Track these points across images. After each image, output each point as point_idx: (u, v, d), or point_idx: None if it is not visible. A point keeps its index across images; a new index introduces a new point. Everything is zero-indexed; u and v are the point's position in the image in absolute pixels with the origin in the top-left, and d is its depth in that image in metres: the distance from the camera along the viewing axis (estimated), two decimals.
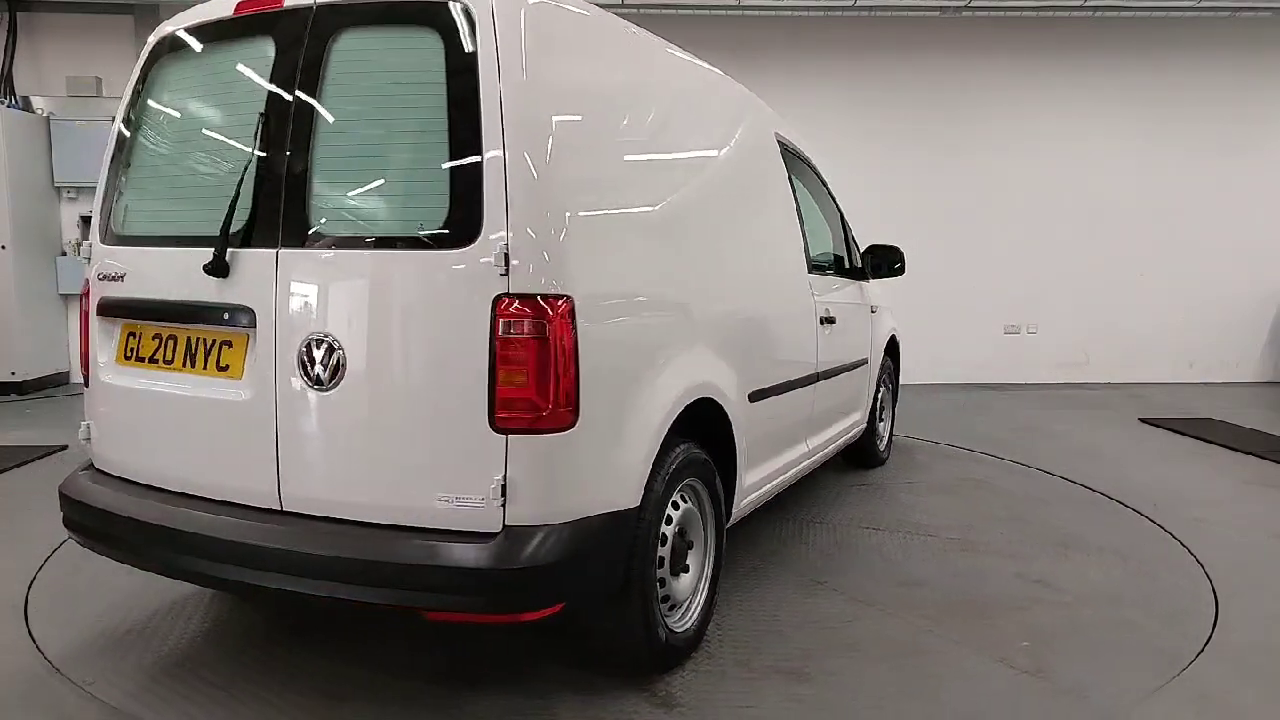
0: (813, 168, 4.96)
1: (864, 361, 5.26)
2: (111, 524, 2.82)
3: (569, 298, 2.43)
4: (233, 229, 2.65)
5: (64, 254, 9.08)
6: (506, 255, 2.35)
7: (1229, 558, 4.16)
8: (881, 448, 5.99)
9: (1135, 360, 9.64)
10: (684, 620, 3.06)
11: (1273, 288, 9.64)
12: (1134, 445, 6.66)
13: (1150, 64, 9.35)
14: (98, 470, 3.06)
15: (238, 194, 2.64)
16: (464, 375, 2.39)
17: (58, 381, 9.08)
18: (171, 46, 3.02)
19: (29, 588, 3.75)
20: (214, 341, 2.74)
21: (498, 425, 2.38)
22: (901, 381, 6.40)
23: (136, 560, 2.86)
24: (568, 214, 2.51)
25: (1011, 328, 9.65)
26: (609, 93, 2.89)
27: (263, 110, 2.66)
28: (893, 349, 6.01)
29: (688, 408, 2.94)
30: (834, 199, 5.23)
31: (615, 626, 2.81)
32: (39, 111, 8.88)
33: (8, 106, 8.57)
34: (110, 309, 2.99)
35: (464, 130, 2.42)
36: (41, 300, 8.84)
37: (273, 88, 2.68)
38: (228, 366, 2.70)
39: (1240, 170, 9.46)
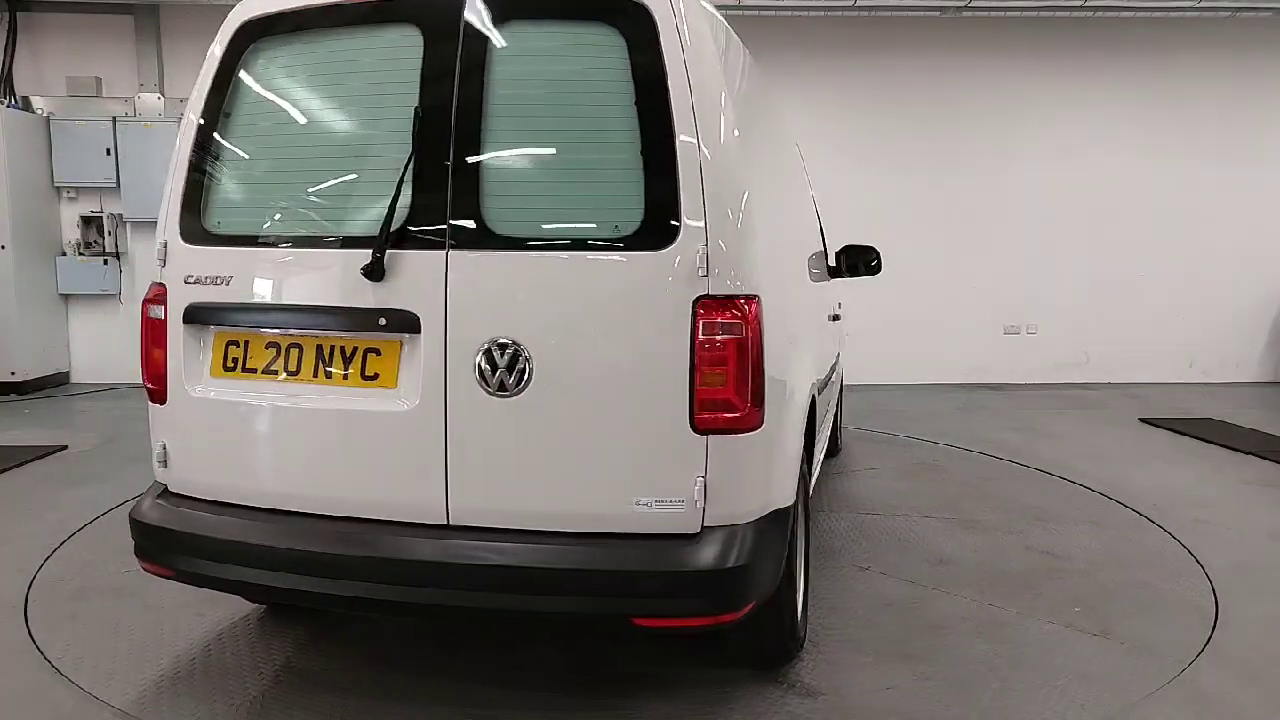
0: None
1: (838, 356, 5.41)
2: (234, 554, 2.55)
3: (758, 298, 2.43)
4: (369, 230, 2.47)
5: (64, 254, 9.08)
6: (708, 257, 2.34)
7: (1229, 558, 4.15)
8: (840, 437, 6.30)
9: (1135, 360, 9.63)
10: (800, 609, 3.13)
11: (1273, 288, 9.63)
12: (1134, 445, 6.66)
13: (1150, 64, 9.34)
14: (177, 495, 2.74)
15: (398, 193, 2.45)
16: (663, 377, 2.37)
17: (58, 381, 9.08)
18: (267, 30, 2.72)
19: (29, 588, 3.75)
20: (356, 349, 2.53)
21: (698, 426, 2.38)
22: (902, 381, 6.44)
23: (260, 591, 2.72)
24: (752, 215, 2.50)
25: (1011, 328, 9.65)
26: (747, 96, 2.92)
27: (417, 104, 2.49)
28: None
29: None
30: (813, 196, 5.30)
31: (764, 621, 2.76)
32: (39, 111, 8.88)
33: (8, 106, 8.57)
34: (203, 316, 2.68)
35: (656, 131, 2.38)
36: (41, 300, 8.84)
37: (427, 80, 2.50)
38: (377, 375, 2.51)
39: (1240, 170, 9.45)
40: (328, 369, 2.56)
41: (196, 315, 2.69)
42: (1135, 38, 9.25)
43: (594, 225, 2.45)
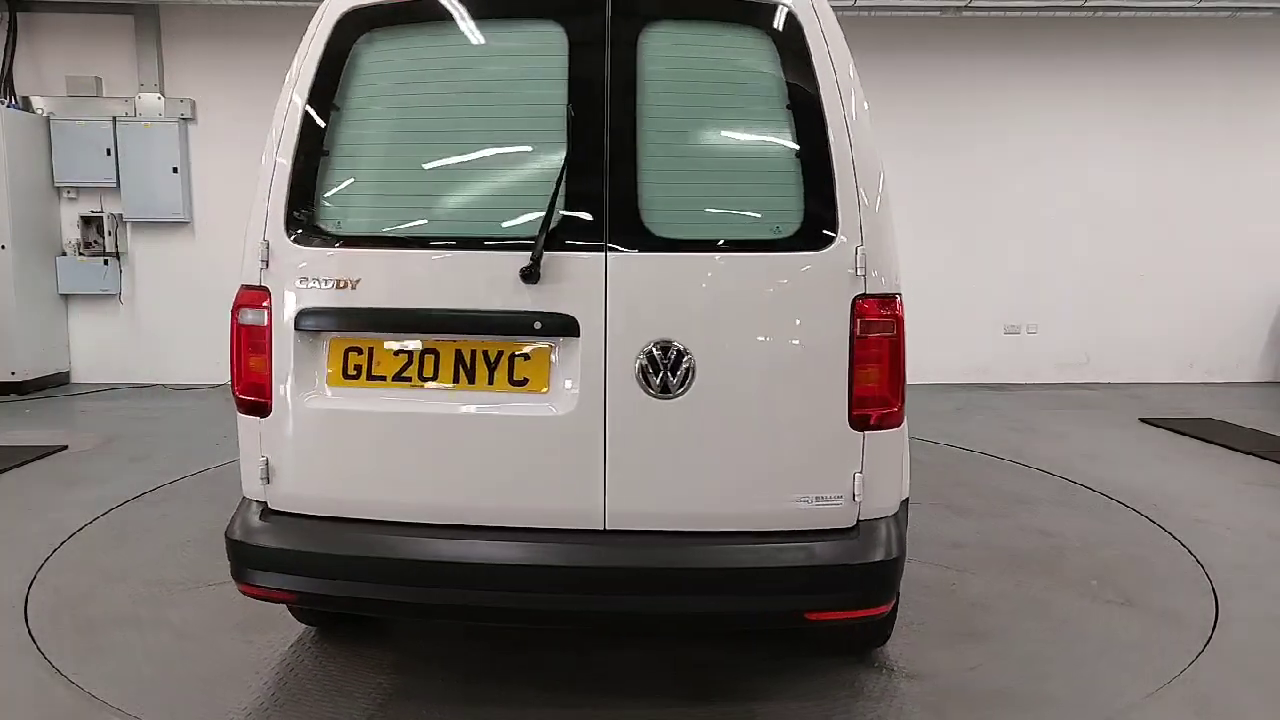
0: None
1: None
2: (375, 573, 2.46)
3: (901, 296, 2.49)
4: (522, 231, 2.43)
5: (64, 254, 9.07)
6: (865, 257, 2.40)
7: (1229, 558, 4.15)
8: None
9: (1135, 360, 9.63)
10: None
11: (1273, 288, 9.62)
12: (1134, 445, 6.65)
13: (1150, 64, 9.34)
14: (288, 514, 2.57)
15: (556, 194, 2.40)
16: (822, 375, 2.42)
17: (58, 381, 9.07)
18: (379, 20, 2.60)
19: (29, 588, 3.75)
20: (501, 353, 2.46)
21: (855, 423, 2.43)
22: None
23: (403, 608, 2.61)
24: (890, 214, 2.55)
25: (1011, 328, 9.64)
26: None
27: (568, 103, 2.44)
28: None
29: None
30: None
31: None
32: (39, 111, 8.88)
33: (8, 106, 8.56)
34: (320, 321, 2.51)
35: (809, 132, 2.44)
36: (41, 300, 8.84)
37: (576, 79, 2.45)
38: (526, 380, 2.46)
39: (1240, 170, 9.44)
40: (470, 375, 2.47)
41: (311, 321, 2.50)
42: (1135, 38, 9.25)
43: (753, 226, 2.49)
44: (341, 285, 2.48)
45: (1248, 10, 8.79)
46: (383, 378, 2.50)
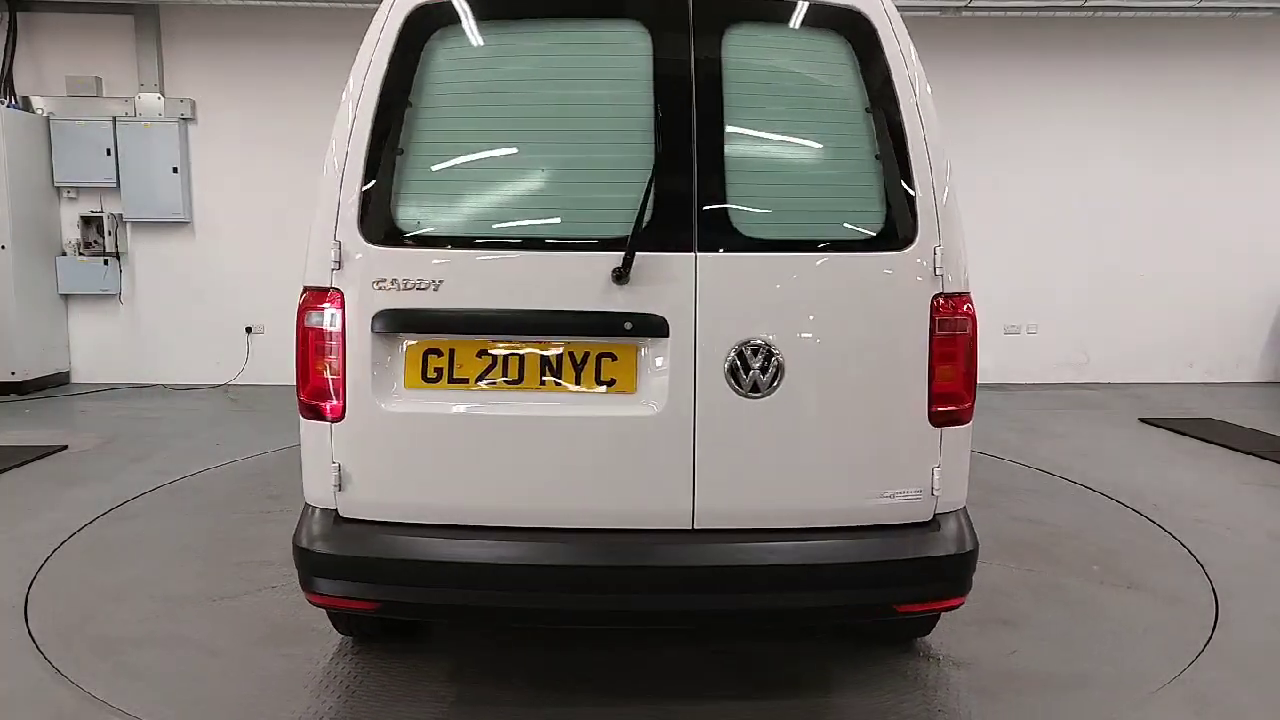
0: None
1: None
2: (460, 578, 2.43)
3: (970, 294, 2.57)
4: (612, 231, 2.42)
5: (64, 254, 9.07)
6: (943, 256, 2.48)
7: (1229, 558, 4.15)
8: None
9: (1135, 360, 9.63)
10: None
11: (1273, 288, 9.62)
12: (1134, 445, 6.65)
13: (1150, 64, 9.34)
14: (363, 522, 2.51)
15: (647, 195, 2.40)
16: (904, 373, 2.49)
17: (58, 381, 9.07)
18: (452, 16, 2.55)
19: (29, 588, 3.75)
20: (587, 354, 2.46)
21: (934, 418, 2.51)
22: None
23: (492, 614, 2.57)
24: (960, 213, 2.62)
25: (1011, 328, 9.64)
26: None
27: (656, 105, 2.44)
28: None
29: None
30: None
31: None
32: (39, 111, 8.88)
33: (8, 106, 8.56)
34: (398, 324, 2.46)
35: (890, 134, 2.49)
36: (41, 300, 8.84)
37: (663, 80, 2.45)
38: (613, 381, 2.46)
39: (1240, 170, 9.44)
40: (556, 376, 2.46)
41: (389, 323, 2.45)
42: (1135, 38, 9.25)
43: (837, 226, 2.53)
44: (423, 286, 2.44)
45: (1248, 10, 8.78)
46: (465, 380, 2.47)
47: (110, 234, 9.01)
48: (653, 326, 2.42)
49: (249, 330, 9.30)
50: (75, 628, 3.38)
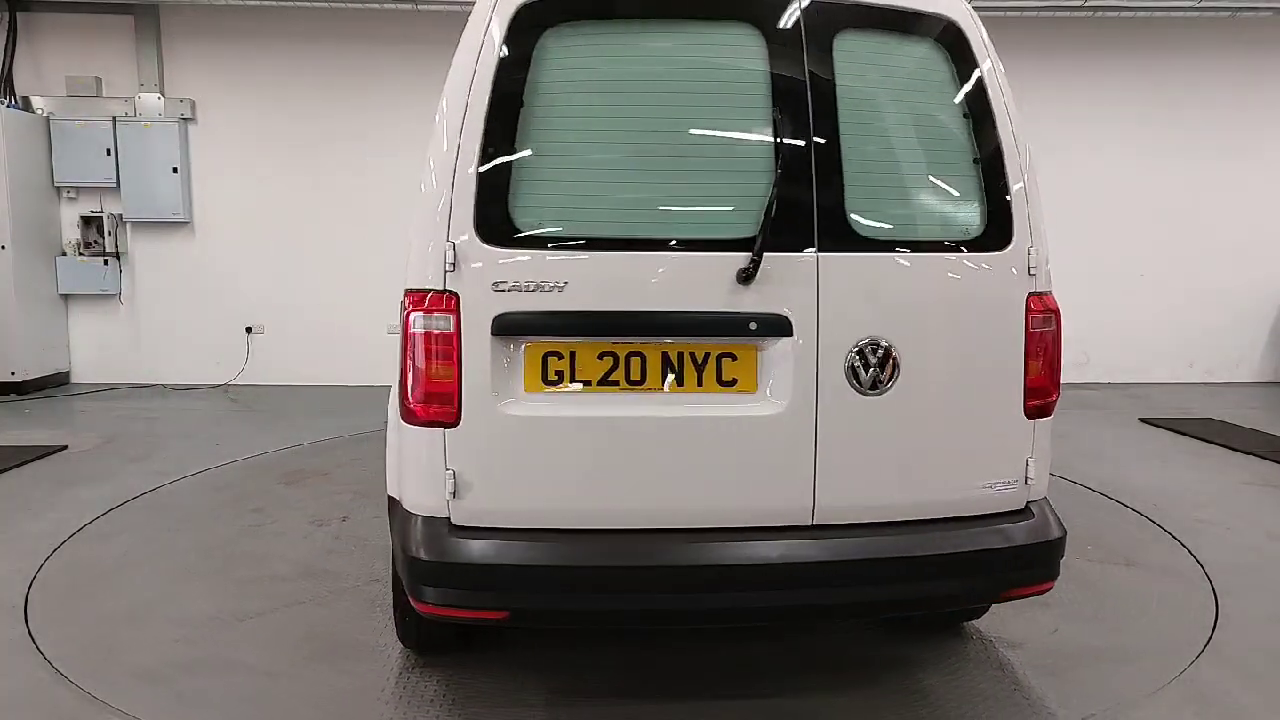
0: None
1: None
2: (591, 583, 2.41)
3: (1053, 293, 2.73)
4: (735, 232, 2.44)
5: (64, 254, 9.07)
6: (1035, 255, 2.63)
7: (1229, 558, 4.15)
8: None
9: (1135, 360, 9.62)
10: None
11: (1273, 288, 9.62)
12: (1134, 445, 6.65)
13: (1150, 64, 9.33)
14: (471, 529, 2.44)
15: (771, 197, 2.43)
16: (1003, 368, 2.62)
17: (58, 381, 9.07)
18: (563, 15, 2.50)
19: (29, 588, 3.75)
20: (708, 354, 2.47)
21: (1029, 411, 2.65)
22: None
23: (620, 617, 2.57)
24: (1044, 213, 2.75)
25: None
26: None
27: (774, 106, 2.47)
28: None
29: None
30: None
31: None
32: (39, 111, 8.87)
33: (8, 106, 8.56)
34: (519, 326, 2.42)
35: (987, 138, 2.61)
36: (41, 300, 8.84)
37: (778, 83, 2.48)
38: (735, 380, 2.48)
39: (1240, 170, 9.44)
40: (678, 377, 2.47)
41: (511, 326, 2.40)
42: (1135, 38, 9.25)
43: (945, 227, 2.63)
44: (547, 289, 2.40)
45: (1248, 10, 8.78)
46: (587, 382, 2.45)
47: (110, 234, 9.01)
48: (776, 326, 2.45)
49: (249, 330, 9.30)
50: (106, 657, 3.14)
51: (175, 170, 8.94)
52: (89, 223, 9.08)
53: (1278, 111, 9.46)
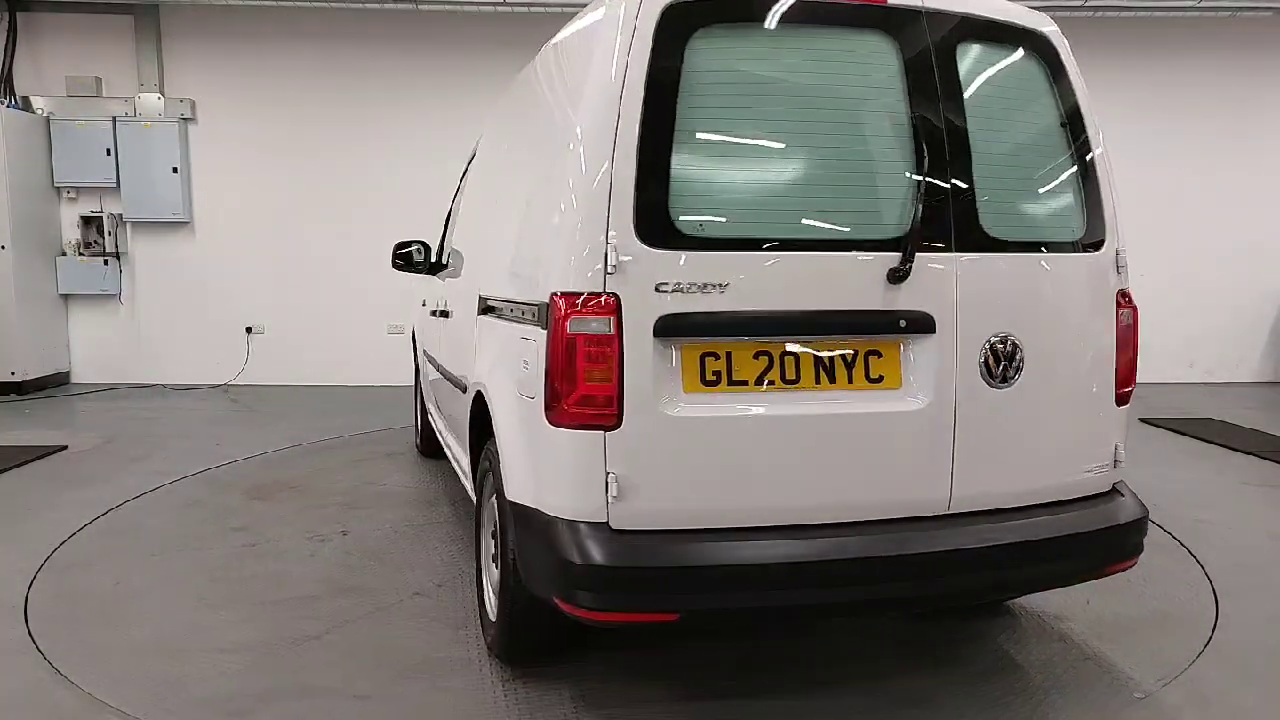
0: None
1: None
2: (756, 580, 2.43)
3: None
4: (884, 233, 2.54)
5: (64, 254, 9.08)
6: (1122, 255, 2.89)
7: (1229, 558, 4.15)
8: None
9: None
10: None
11: (1273, 288, 9.63)
12: (1134, 445, 6.64)
13: (1150, 64, 9.34)
14: (634, 533, 2.42)
15: (918, 199, 2.55)
16: (1099, 359, 2.83)
17: (58, 381, 9.08)
18: (709, 17, 2.52)
19: (29, 588, 3.75)
20: (856, 353, 2.55)
21: (1118, 399, 2.87)
22: None
23: (782, 612, 2.69)
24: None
25: None
26: None
27: (911, 112, 2.59)
28: None
29: None
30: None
31: None
32: (39, 111, 8.88)
33: (8, 106, 8.57)
34: (680, 327, 2.42)
35: (1083, 145, 2.85)
36: (41, 300, 8.84)
37: (914, 91, 2.59)
38: (881, 377, 2.57)
39: (1240, 170, 9.45)
40: (830, 375, 2.53)
41: (673, 327, 2.41)
42: (1135, 38, 9.25)
43: (1055, 229, 2.83)
44: (708, 290, 2.42)
45: (1248, 10, 8.79)
46: (745, 382, 2.48)
47: (110, 234, 9.02)
48: (922, 324, 2.56)
49: (249, 330, 9.31)
50: (164, 691, 2.89)
51: (175, 170, 8.95)
52: (89, 223, 9.09)
53: (1278, 111, 9.46)
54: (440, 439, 4.96)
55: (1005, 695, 2.90)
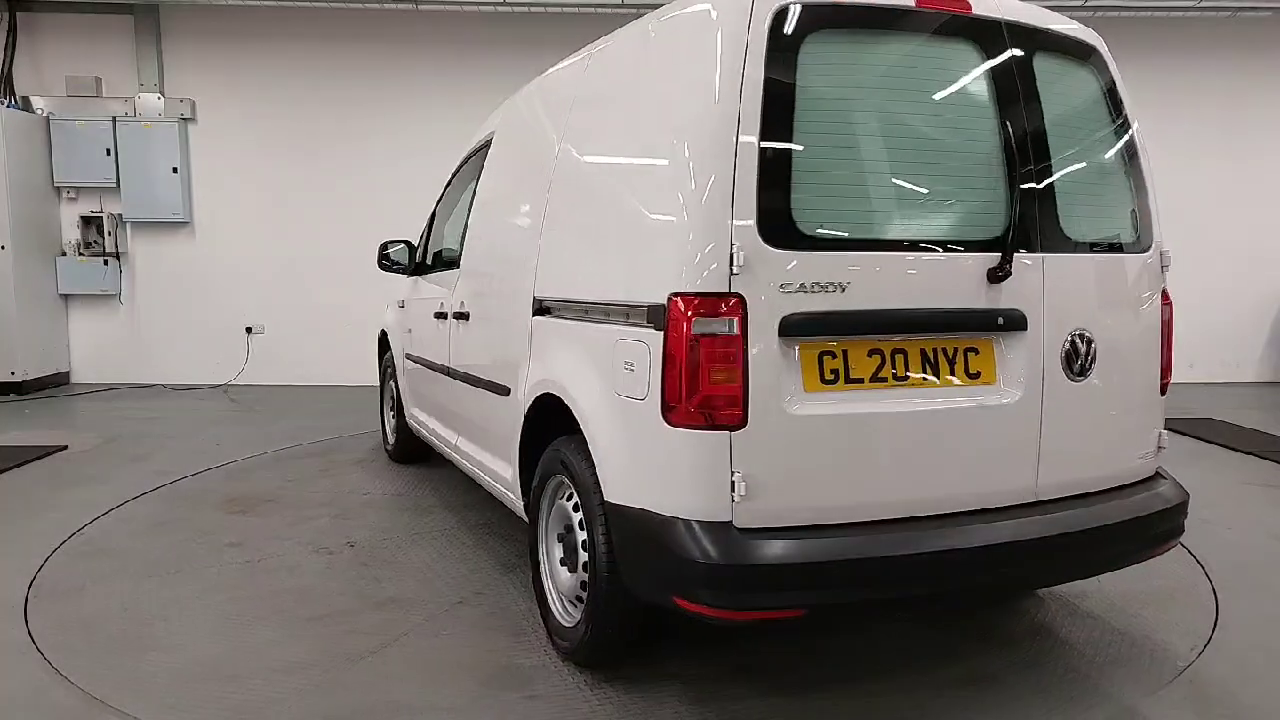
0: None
1: None
2: (875, 573, 2.48)
3: None
4: (983, 234, 2.68)
5: (64, 254, 9.08)
6: (1167, 256, 3.11)
7: (1229, 558, 4.15)
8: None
9: None
10: None
11: (1273, 288, 9.63)
12: None
13: (1150, 64, 9.33)
14: (759, 530, 2.44)
15: (1014, 201, 2.71)
16: (1150, 352, 3.03)
17: (58, 381, 9.09)
18: (822, 22, 2.56)
19: (29, 588, 3.75)
20: (956, 349, 2.67)
21: (1161, 389, 3.08)
22: None
23: (898, 604, 2.79)
24: None
25: None
26: None
27: (1002, 118, 2.72)
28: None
29: None
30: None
31: None
32: (39, 111, 8.89)
33: (8, 106, 8.57)
34: (801, 327, 2.46)
35: (1132, 152, 3.04)
36: (41, 300, 8.85)
37: (1002, 99, 2.73)
38: (979, 373, 2.69)
39: (1240, 170, 9.45)
40: (934, 371, 2.64)
41: (796, 327, 2.45)
42: (1135, 37, 9.25)
43: (1116, 230, 3.01)
44: (830, 289, 2.47)
45: (1248, 10, 8.79)
46: (860, 380, 2.56)
47: (110, 234, 9.03)
48: (1016, 321, 2.70)
49: (249, 330, 9.32)
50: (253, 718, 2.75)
51: (175, 170, 8.95)
52: (89, 223, 9.10)
53: (1278, 111, 9.46)
54: (437, 446, 4.88)
55: (1066, 673, 3.04)
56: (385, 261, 5.12)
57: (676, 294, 2.43)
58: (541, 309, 3.26)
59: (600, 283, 2.90)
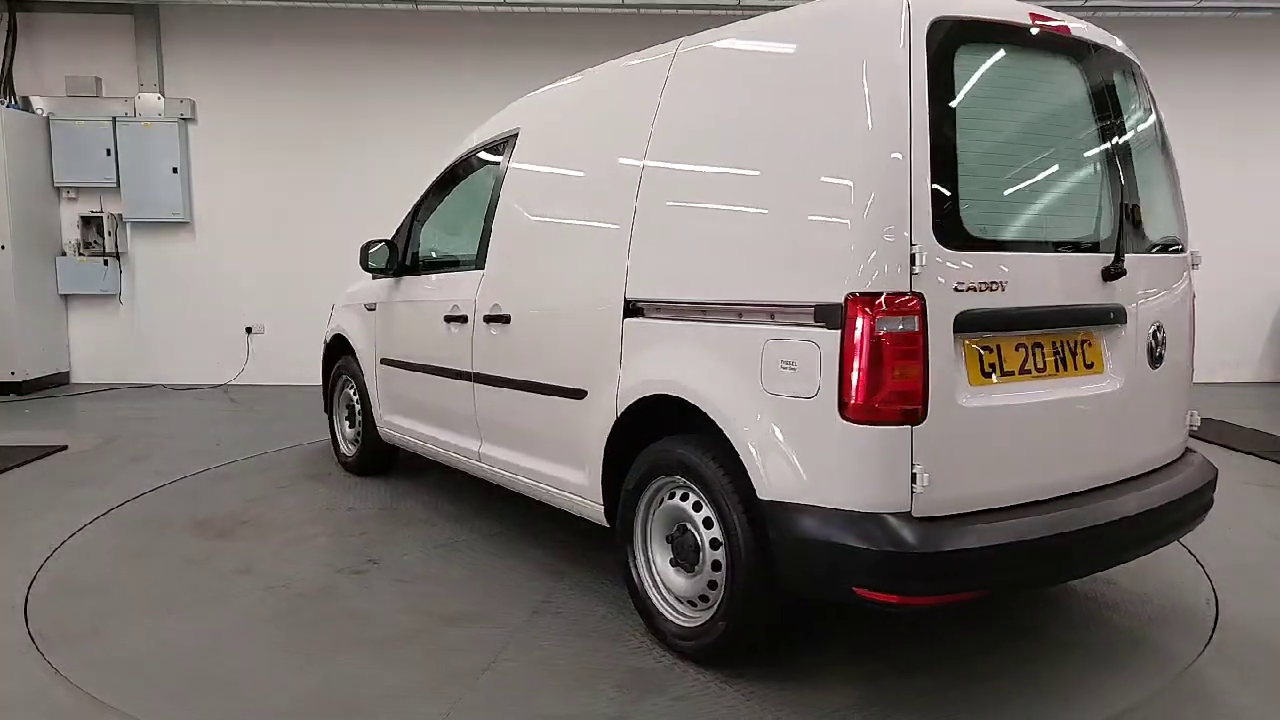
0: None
1: None
2: (1038, 552, 2.65)
3: None
4: (1098, 236, 2.97)
5: (64, 254, 9.08)
6: (1197, 256, 3.47)
7: (1229, 558, 4.15)
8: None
9: None
10: None
11: (1273, 288, 9.63)
12: None
13: (1150, 65, 9.26)
14: (935, 519, 2.55)
15: (1122, 204, 3.02)
16: (1186, 342, 3.33)
17: (58, 381, 9.09)
18: (970, 37, 2.71)
19: (29, 588, 3.75)
20: (1076, 342, 2.94)
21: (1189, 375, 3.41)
22: None
23: (1061, 575, 3.08)
24: None
25: None
26: None
27: (1100, 126, 3.01)
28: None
29: None
30: None
31: None
32: (39, 111, 8.89)
33: (8, 106, 8.57)
34: (969, 324, 2.61)
35: (1169, 159, 3.40)
36: (41, 300, 8.85)
37: (1100, 111, 3.02)
38: (1092, 364, 2.97)
39: (1240, 170, 9.44)
40: (1060, 363, 2.89)
41: (966, 323, 2.61)
42: (1135, 38, 9.22)
43: (1169, 232, 3.33)
44: (994, 288, 2.65)
45: (1248, 10, 8.79)
46: (1012, 373, 2.77)
47: (110, 234, 9.03)
48: (1121, 315, 3.00)
49: (249, 330, 9.32)
50: None
51: (175, 170, 8.95)
52: (89, 223, 9.10)
53: (1278, 111, 9.46)
54: (433, 454, 4.66)
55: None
56: (369, 263, 5.01)
57: (856, 293, 2.52)
58: (634, 310, 3.23)
59: (728, 284, 2.89)
